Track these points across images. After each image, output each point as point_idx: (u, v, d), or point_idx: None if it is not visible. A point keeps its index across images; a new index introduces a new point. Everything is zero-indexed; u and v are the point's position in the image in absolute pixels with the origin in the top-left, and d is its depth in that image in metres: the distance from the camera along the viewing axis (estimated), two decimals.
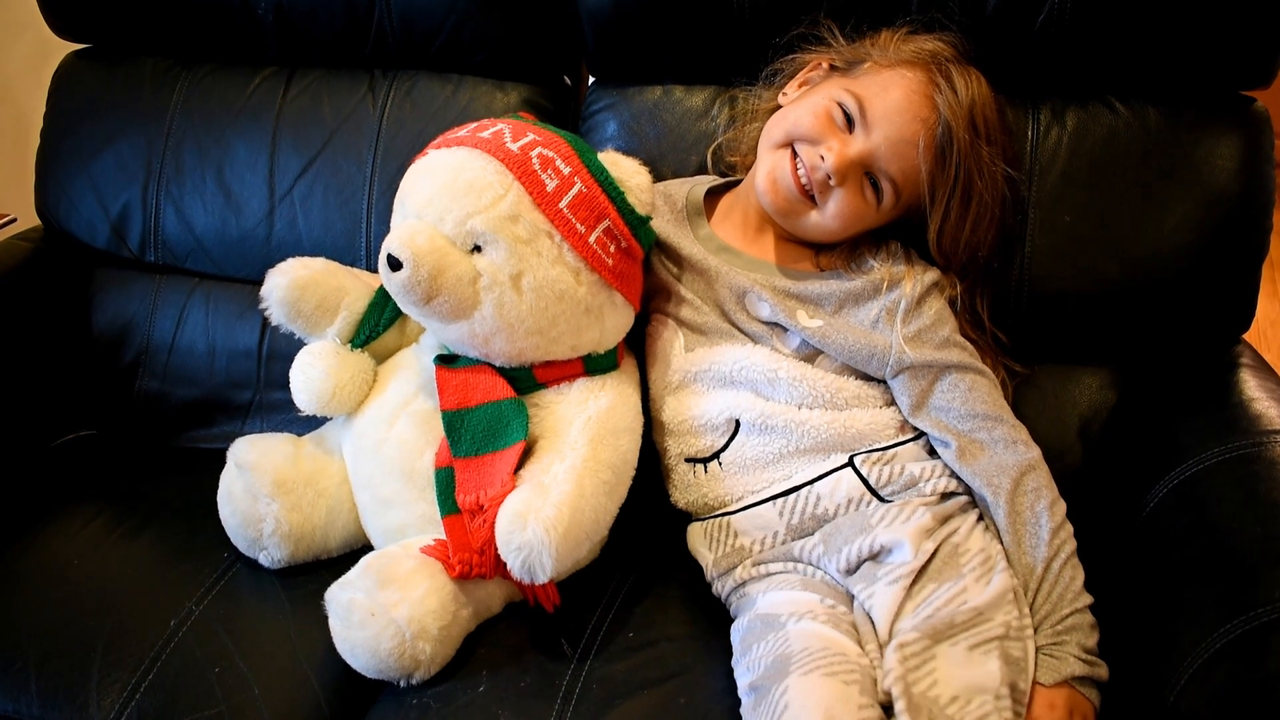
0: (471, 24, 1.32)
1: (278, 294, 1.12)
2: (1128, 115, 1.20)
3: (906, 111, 1.08)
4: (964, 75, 1.11)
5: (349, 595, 0.99)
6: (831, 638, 0.96)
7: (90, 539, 1.19)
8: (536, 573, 0.95)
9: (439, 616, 0.99)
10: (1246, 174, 1.18)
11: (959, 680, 0.92)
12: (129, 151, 1.43)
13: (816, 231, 1.13)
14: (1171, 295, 1.19)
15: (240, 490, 1.13)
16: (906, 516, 1.03)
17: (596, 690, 1.00)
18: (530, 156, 1.02)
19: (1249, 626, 0.91)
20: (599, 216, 1.03)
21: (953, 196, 1.10)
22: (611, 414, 1.06)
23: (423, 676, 1.00)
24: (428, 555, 1.02)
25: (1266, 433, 1.06)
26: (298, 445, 1.17)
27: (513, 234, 1.00)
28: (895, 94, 1.09)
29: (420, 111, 1.36)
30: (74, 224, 1.46)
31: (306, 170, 1.37)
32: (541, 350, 1.06)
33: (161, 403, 1.42)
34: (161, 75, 1.44)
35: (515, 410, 1.05)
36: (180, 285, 1.44)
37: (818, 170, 1.09)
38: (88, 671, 1.02)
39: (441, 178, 1.02)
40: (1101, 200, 1.19)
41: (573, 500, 0.97)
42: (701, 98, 1.30)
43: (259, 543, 1.13)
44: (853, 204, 1.10)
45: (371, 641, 0.97)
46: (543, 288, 1.01)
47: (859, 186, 1.10)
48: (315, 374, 1.11)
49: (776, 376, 1.09)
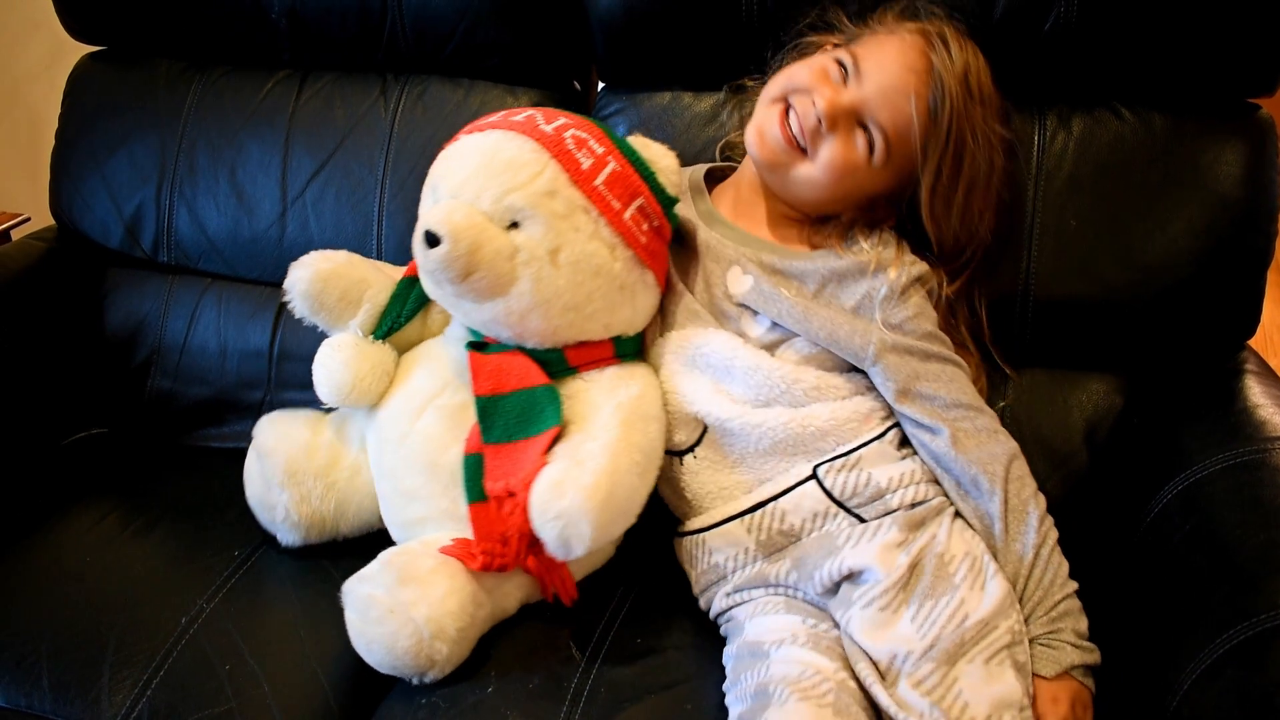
0: (483, 29, 1.33)
1: (301, 286, 1.13)
2: (1134, 121, 1.20)
3: (899, 62, 1.08)
4: (959, 41, 1.11)
5: (368, 590, 1.00)
6: (809, 660, 0.96)
7: (102, 536, 1.20)
8: (574, 544, 0.94)
9: (458, 618, 0.99)
10: (1251, 180, 1.18)
11: (986, 698, 0.93)
12: (143, 152, 1.44)
13: (807, 187, 1.11)
14: (1176, 301, 1.19)
15: (257, 474, 1.17)
16: (872, 534, 1.02)
17: (604, 694, 1.00)
18: (564, 137, 1.03)
19: (1251, 633, 0.91)
20: (633, 194, 1.05)
21: (945, 155, 1.08)
22: (642, 400, 1.06)
23: (436, 676, 1.00)
24: (450, 555, 1.02)
25: (1271, 439, 1.07)
26: (316, 431, 1.18)
27: (550, 209, 1.00)
28: (890, 47, 1.10)
29: (432, 115, 1.37)
30: (88, 224, 1.47)
31: (319, 173, 1.38)
32: (576, 328, 1.06)
33: (173, 402, 1.43)
34: (176, 77, 1.46)
35: (550, 396, 1.04)
36: (193, 285, 1.45)
37: (809, 116, 1.08)
38: (99, 668, 1.03)
39: (477, 159, 1.03)
40: (1107, 206, 1.19)
41: (609, 472, 0.96)
42: (710, 103, 1.30)
43: (274, 525, 1.16)
44: (844, 152, 1.08)
45: (389, 639, 0.97)
46: (580, 262, 1.02)
47: (850, 135, 1.09)
48: (335, 365, 1.12)
49: (732, 365, 1.08)
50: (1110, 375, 1.24)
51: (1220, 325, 1.22)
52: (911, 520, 1.03)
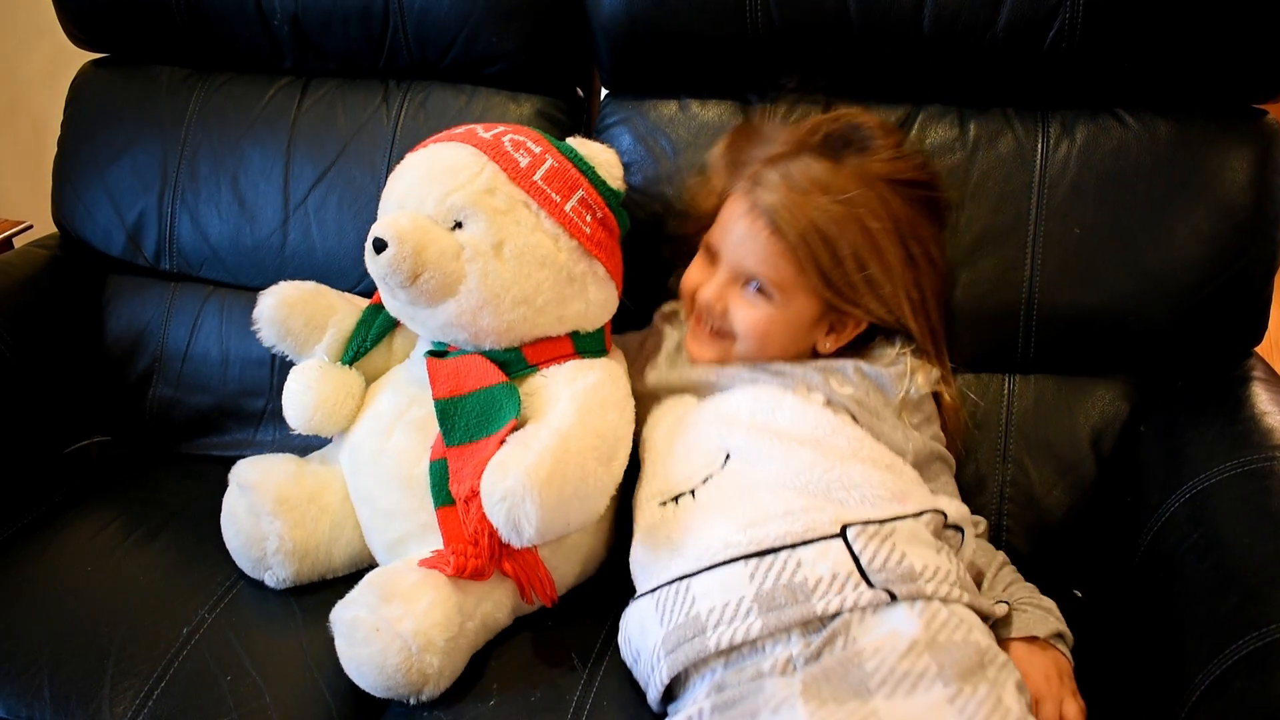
0: (485, 36, 1.33)
1: (267, 313, 1.17)
2: (1137, 128, 1.20)
3: (734, 213, 1.12)
4: (792, 163, 1.11)
5: (352, 613, 0.99)
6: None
7: (103, 545, 1.20)
8: (523, 524, 0.93)
9: (444, 629, 0.98)
10: (1258, 186, 1.17)
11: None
12: (145, 160, 1.44)
13: (760, 350, 1.14)
14: (1182, 308, 1.19)
15: (243, 510, 1.13)
16: (910, 687, 0.85)
17: (607, 706, 1.00)
18: (502, 140, 1.09)
19: (1260, 644, 0.90)
20: (573, 187, 1.09)
21: (822, 256, 1.08)
22: (599, 388, 1.06)
23: (432, 692, 0.99)
24: (427, 567, 1.02)
25: (1278, 447, 1.06)
26: (300, 464, 1.18)
27: (491, 206, 1.05)
28: (727, 211, 1.14)
29: (434, 122, 1.36)
30: (90, 231, 1.47)
31: (321, 180, 1.38)
32: (529, 323, 1.07)
33: (175, 410, 1.43)
34: (178, 85, 1.46)
35: (508, 393, 1.05)
36: (195, 293, 1.44)
37: (710, 313, 1.13)
38: (100, 678, 1.03)
39: (418, 170, 1.08)
40: (1111, 213, 1.19)
41: (556, 451, 0.95)
42: (717, 110, 1.30)
43: (263, 562, 1.12)
44: (749, 314, 1.12)
45: (378, 658, 0.97)
46: (524, 254, 1.05)
47: (741, 298, 1.12)
48: (298, 388, 1.14)
49: (780, 405, 1.08)
50: (1116, 382, 1.23)
51: (1227, 332, 1.22)
52: (960, 670, 0.86)
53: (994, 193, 1.22)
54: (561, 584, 1.10)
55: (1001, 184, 1.22)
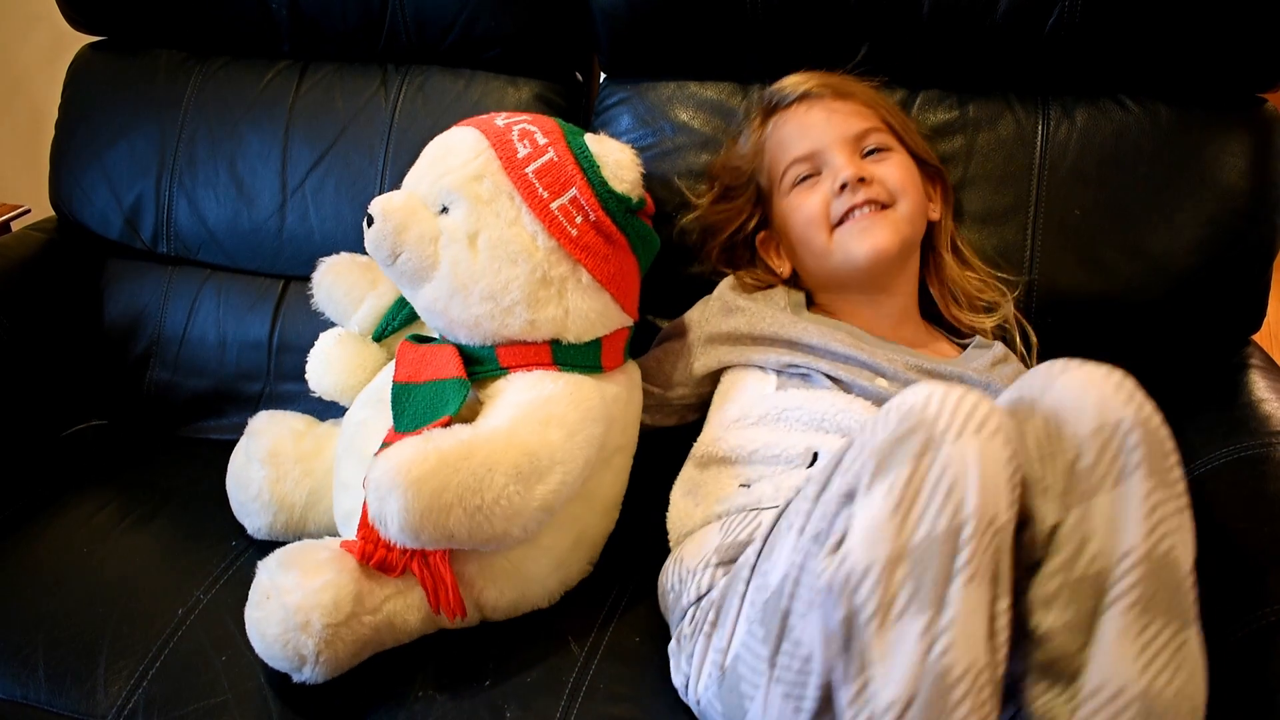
0: (484, 19, 1.33)
1: (317, 278, 1.22)
2: (1138, 112, 1.20)
3: (804, 119, 1.13)
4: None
5: (260, 574, 0.97)
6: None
7: (99, 528, 1.20)
8: (386, 519, 0.90)
9: (327, 613, 0.92)
10: (1257, 173, 1.17)
11: None
12: (143, 143, 1.43)
13: (919, 221, 1.13)
14: (1181, 293, 1.18)
15: (241, 451, 1.18)
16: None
17: (603, 689, 0.99)
18: (511, 129, 1.06)
19: (1256, 627, 0.90)
20: (565, 184, 1.03)
21: (888, 109, 1.17)
22: (550, 403, 1.00)
23: (311, 676, 0.94)
24: (344, 549, 0.99)
25: (1275, 433, 1.06)
26: (310, 425, 1.20)
27: (475, 193, 1.03)
28: (789, 127, 1.15)
29: (432, 106, 1.36)
30: (87, 215, 1.46)
31: (319, 163, 1.38)
32: (497, 321, 1.03)
33: (172, 393, 1.42)
34: (176, 68, 1.45)
35: (457, 389, 1.01)
36: (192, 277, 1.44)
37: (856, 194, 1.10)
38: (95, 658, 1.03)
39: (432, 149, 1.10)
40: (1111, 197, 1.19)
41: (448, 454, 0.91)
42: (717, 91, 1.29)
43: (246, 506, 1.16)
44: (891, 168, 1.12)
45: (260, 624, 0.94)
46: (496, 247, 1.02)
47: (873, 163, 1.12)
48: (317, 351, 1.18)
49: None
50: (1114, 368, 1.22)
51: (1225, 318, 1.22)
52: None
53: (994, 175, 1.22)
54: (491, 606, 1.04)
55: (1002, 167, 1.22)
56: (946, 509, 0.73)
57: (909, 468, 0.74)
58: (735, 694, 0.87)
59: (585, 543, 1.10)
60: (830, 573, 0.76)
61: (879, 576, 0.73)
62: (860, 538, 0.74)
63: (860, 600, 0.74)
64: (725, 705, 0.89)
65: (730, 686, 0.87)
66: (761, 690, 0.84)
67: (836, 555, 0.76)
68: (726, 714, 0.89)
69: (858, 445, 0.78)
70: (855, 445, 0.78)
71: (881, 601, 0.73)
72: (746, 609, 0.86)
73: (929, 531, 0.73)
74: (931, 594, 0.72)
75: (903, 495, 0.73)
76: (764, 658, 0.83)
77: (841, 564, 0.75)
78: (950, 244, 1.19)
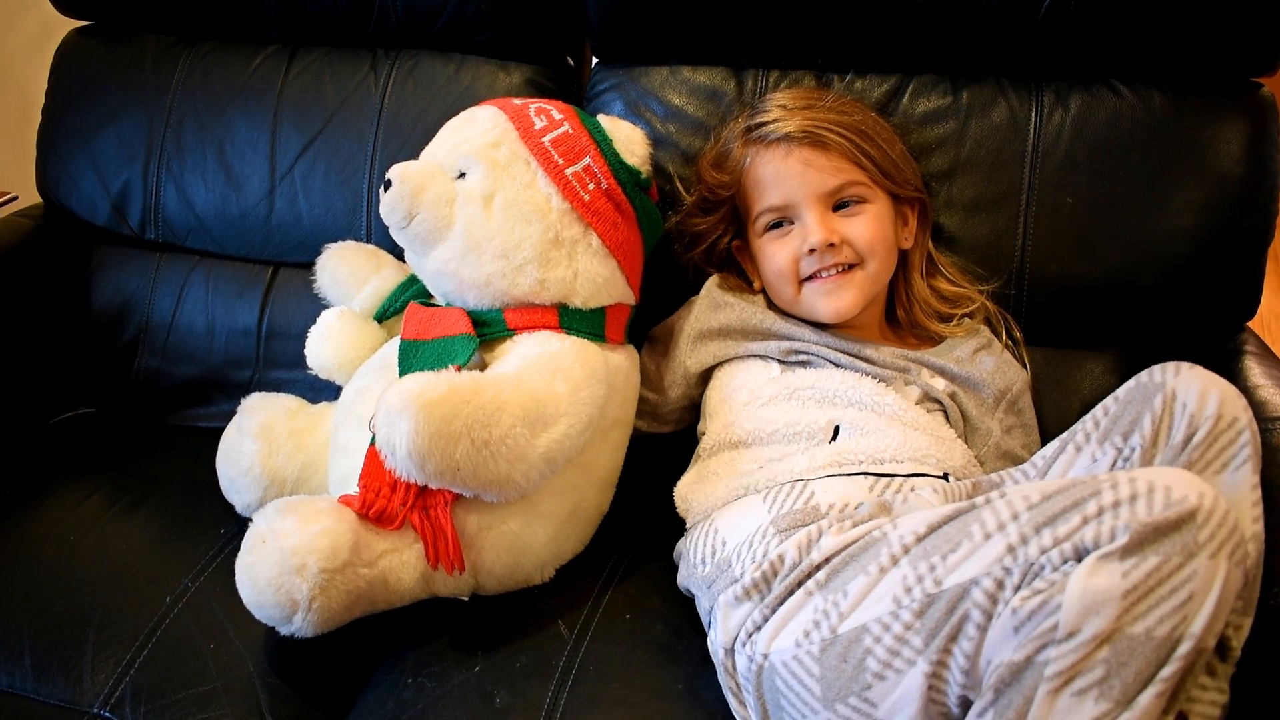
0: (474, 3, 1.32)
1: (321, 259, 1.26)
2: (1132, 98, 1.19)
3: (780, 167, 1.13)
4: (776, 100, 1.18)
5: (255, 522, 0.97)
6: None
7: (87, 515, 1.19)
8: (396, 442, 0.90)
9: (325, 558, 0.92)
10: (1252, 159, 1.17)
11: None
12: (130, 129, 1.42)
13: (877, 271, 1.14)
14: (1175, 280, 1.18)
15: (234, 430, 1.18)
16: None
17: (593, 671, 0.99)
18: (529, 106, 1.12)
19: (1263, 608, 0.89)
20: (579, 153, 1.09)
21: (872, 144, 1.14)
22: (557, 357, 1.02)
23: (300, 625, 0.93)
24: (342, 502, 0.99)
25: (1271, 419, 1.06)
26: (302, 404, 1.21)
27: (492, 158, 1.07)
28: (766, 170, 1.14)
29: (422, 91, 1.35)
30: (75, 201, 1.45)
31: (308, 149, 1.37)
32: (507, 279, 1.06)
33: (160, 381, 1.41)
34: (163, 53, 1.44)
35: (465, 344, 1.03)
36: (180, 263, 1.43)
37: (824, 258, 1.11)
38: (82, 646, 1.02)
39: (450, 124, 1.15)
40: (1104, 184, 1.18)
41: (462, 387, 0.92)
42: (709, 76, 1.29)
43: (235, 482, 1.15)
44: (861, 226, 1.12)
45: (254, 567, 0.93)
46: (511, 207, 1.06)
47: (843, 221, 1.12)
48: (317, 328, 1.19)
49: (883, 401, 1.07)
50: (1109, 354, 1.23)
51: (1220, 304, 1.21)
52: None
53: (987, 162, 1.21)
54: (486, 571, 1.03)
55: (994, 153, 1.21)
56: (1174, 617, 0.73)
57: (1158, 560, 0.73)
58: (852, 664, 0.85)
59: (580, 516, 1.10)
60: (1028, 611, 0.76)
61: (1080, 645, 0.74)
62: (1080, 598, 0.74)
63: (1048, 656, 0.75)
64: (823, 668, 0.87)
65: (842, 655, 0.86)
66: (903, 673, 0.83)
67: (1040, 597, 0.76)
68: (823, 676, 0.87)
69: (1108, 497, 0.76)
70: (1105, 493, 0.77)
71: (1069, 668, 0.74)
72: (895, 589, 0.84)
73: (1149, 630, 0.73)
74: (1122, 690, 0.73)
75: (1142, 583, 0.73)
76: (915, 646, 0.82)
77: (1045, 609, 0.75)
78: (924, 266, 1.20)
